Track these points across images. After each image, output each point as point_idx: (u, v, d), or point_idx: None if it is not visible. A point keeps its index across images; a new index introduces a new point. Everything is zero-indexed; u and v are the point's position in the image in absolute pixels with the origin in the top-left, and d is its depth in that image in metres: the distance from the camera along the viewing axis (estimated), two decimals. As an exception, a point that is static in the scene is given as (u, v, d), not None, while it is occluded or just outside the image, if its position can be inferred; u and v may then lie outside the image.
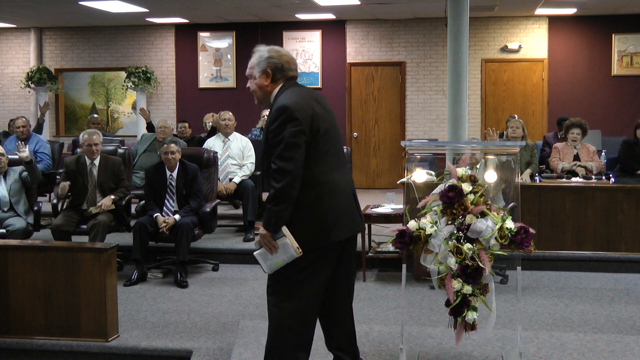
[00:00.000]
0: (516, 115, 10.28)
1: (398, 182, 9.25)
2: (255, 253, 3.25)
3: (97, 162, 6.47)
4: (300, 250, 3.14)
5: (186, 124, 9.54)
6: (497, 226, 3.46)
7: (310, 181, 3.15)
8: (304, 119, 3.14)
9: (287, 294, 3.21)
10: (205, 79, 12.20)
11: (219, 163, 7.32)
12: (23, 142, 6.86)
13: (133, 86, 11.92)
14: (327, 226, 3.21)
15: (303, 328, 3.26)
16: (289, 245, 3.14)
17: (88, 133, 6.52)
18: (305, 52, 11.85)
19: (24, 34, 12.78)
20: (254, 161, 7.55)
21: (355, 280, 6.12)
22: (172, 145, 6.34)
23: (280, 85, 3.32)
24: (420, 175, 3.86)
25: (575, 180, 6.91)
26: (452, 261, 3.47)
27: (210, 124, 8.99)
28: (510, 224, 3.48)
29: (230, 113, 7.83)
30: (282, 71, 3.31)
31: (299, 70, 11.63)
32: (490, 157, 4.28)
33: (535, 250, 3.59)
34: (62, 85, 12.65)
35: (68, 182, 6.32)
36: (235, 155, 7.57)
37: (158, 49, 12.40)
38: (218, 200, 6.89)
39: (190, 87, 12.31)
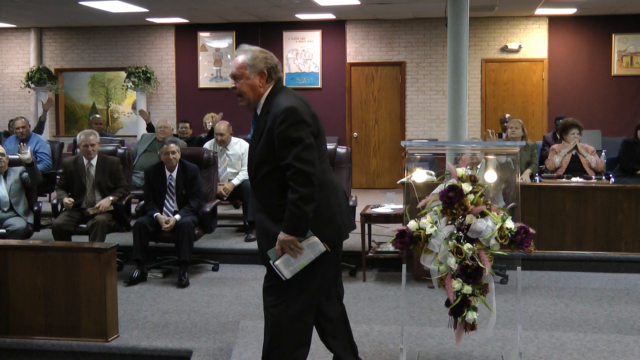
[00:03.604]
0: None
1: (398, 182, 9.25)
2: (276, 263, 3.12)
3: (94, 162, 6.48)
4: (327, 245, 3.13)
5: (187, 124, 9.52)
6: (497, 226, 3.46)
7: (318, 182, 3.14)
8: (310, 121, 3.13)
9: (289, 294, 3.20)
10: (205, 79, 12.21)
11: (220, 172, 7.30)
12: (24, 144, 6.86)
13: (133, 86, 11.92)
14: (337, 225, 3.25)
15: (303, 327, 3.26)
16: (318, 242, 3.11)
17: (84, 134, 6.52)
18: (305, 52, 11.85)
19: (24, 34, 12.79)
20: None
21: (355, 280, 6.16)
22: (172, 145, 6.33)
23: (272, 86, 3.24)
24: (420, 175, 3.86)
25: (575, 180, 6.90)
26: (452, 261, 3.47)
27: (210, 124, 8.98)
28: (510, 224, 3.48)
29: (226, 124, 7.61)
30: (275, 72, 3.25)
31: (298, 70, 11.67)
32: (491, 157, 4.28)
33: (535, 250, 3.59)
34: (62, 85, 12.65)
35: (71, 199, 6.32)
36: (235, 164, 7.54)
37: (158, 49, 12.41)
38: (218, 200, 6.89)
39: (190, 87, 12.31)
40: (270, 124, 3.12)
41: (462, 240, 3.52)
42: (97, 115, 10.38)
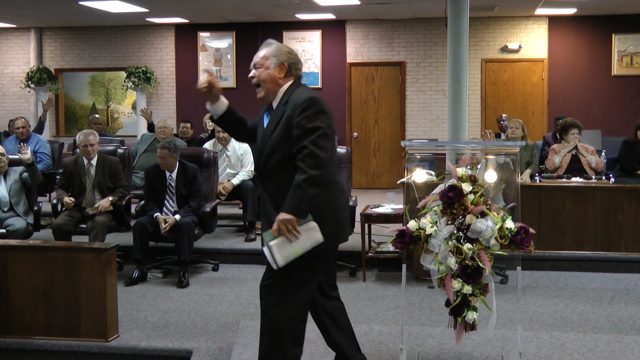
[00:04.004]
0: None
1: (398, 182, 9.25)
2: (271, 243, 3.01)
3: (94, 162, 6.48)
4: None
5: (188, 125, 9.50)
6: (497, 226, 3.46)
7: (326, 180, 3.14)
8: (330, 115, 3.17)
9: (289, 292, 3.19)
10: (205, 79, 12.17)
11: (219, 172, 7.29)
12: (25, 144, 6.86)
13: (133, 86, 11.93)
14: (342, 225, 3.26)
15: (301, 326, 3.27)
16: (316, 228, 3.05)
17: (84, 134, 6.51)
18: (305, 52, 11.85)
19: (24, 34, 12.79)
20: (253, 169, 7.46)
21: (355, 280, 6.16)
22: (164, 150, 6.26)
23: (292, 81, 3.28)
24: (420, 175, 3.86)
25: (575, 180, 6.90)
26: (452, 261, 3.47)
27: (211, 124, 8.97)
28: (510, 224, 3.47)
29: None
30: (296, 69, 3.29)
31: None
32: (491, 157, 4.29)
33: (535, 250, 3.59)
34: (62, 85, 12.65)
35: (72, 199, 6.33)
36: (234, 165, 7.53)
37: (158, 49, 12.41)
38: (218, 200, 6.89)
39: (190, 87, 12.29)
40: (290, 112, 3.14)
41: (462, 240, 3.52)
42: (97, 116, 10.36)
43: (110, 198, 6.37)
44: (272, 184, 3.21)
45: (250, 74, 3.30)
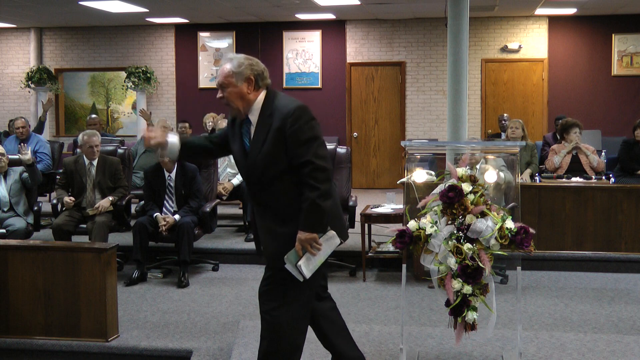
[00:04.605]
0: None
1: (398, 182, 9.24)
2: (299, 264, 3.06)
3: (95, 162, 6.48)
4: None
5: (186, 124, 9.50)
6: (497, 226, 3.46)
7: None
8: (317, 121, 3.17)
9: (290, 296, 3.18)
10: (205, 79, 12.20)
11: (219, 172, 7.29)
12: (25, 144, 6.86)
13: (133, 86, 11.93)
14: (341, 226, 3.27)
15: (302, 330, 3.26)
16: (335, 235, 3.13)
17: (88, 134, 6.51)
18: (305, 52, 11.85)
19: (24, 34, 12.79)
20: None
21: (355, 280, 6.16)
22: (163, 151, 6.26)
23: (264, 92, 3.18)
24: (420, 175, 3.86)
25: (575, 180, 6.90)
26: (452, 261, 3.47)
27: (211, 124, 8.97)
28: (510, 224, 3.48)
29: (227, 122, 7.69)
30: (263, 78, 3.18)
31: (298, 70, 11.61)
32: (491, 157, 4.29)
33: (535, 250, 3.59)
34: (62, 85, 12.65)
35: (72, 199, 6.34)
36: (234, 165, 7.52)
37: (158, 49, 12.41)
38: (218, 200, 6.89)
39: (190, 87, 12.31)
40: (278, 124, 3.07)
41: (462, 240, 3.52)
42: (93, 116, 10.22)
43: (111, 198, 6.38)
44: (271, 195, 3.15)
45: (218, 95, 3.18)
